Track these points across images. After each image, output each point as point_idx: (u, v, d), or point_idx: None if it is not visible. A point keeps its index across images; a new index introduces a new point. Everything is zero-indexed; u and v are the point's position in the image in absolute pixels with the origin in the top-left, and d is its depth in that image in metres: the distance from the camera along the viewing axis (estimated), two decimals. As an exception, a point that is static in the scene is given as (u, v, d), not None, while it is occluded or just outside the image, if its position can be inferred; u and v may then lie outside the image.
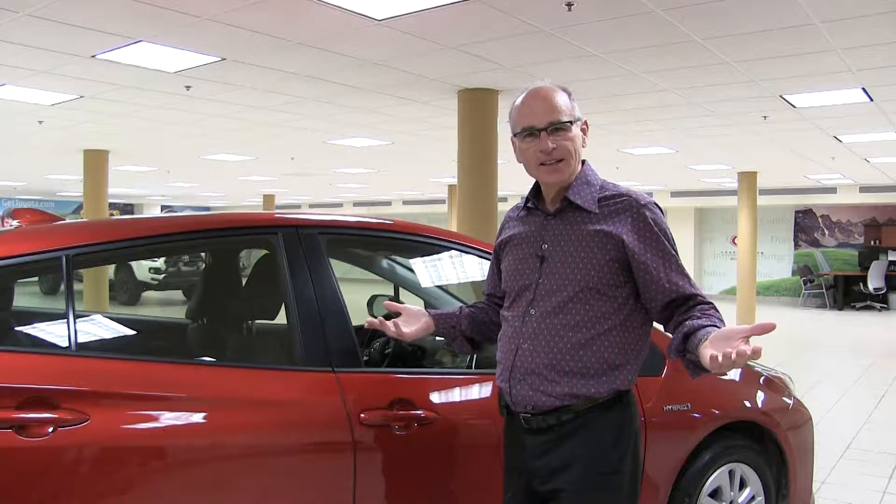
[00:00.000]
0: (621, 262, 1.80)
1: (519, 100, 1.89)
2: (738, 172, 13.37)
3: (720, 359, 1.50)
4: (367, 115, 7.85)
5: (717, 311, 1.77)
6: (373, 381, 2.26)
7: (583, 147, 1.89)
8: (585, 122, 1.90)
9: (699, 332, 1.65)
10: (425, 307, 3.29)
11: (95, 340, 2.49)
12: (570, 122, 1.83)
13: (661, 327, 2.01)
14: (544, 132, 1.82)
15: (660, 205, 1.89)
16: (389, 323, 2.00)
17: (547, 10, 4.40)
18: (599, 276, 1.79)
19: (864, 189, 15.46)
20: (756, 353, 1.47)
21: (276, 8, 4.34)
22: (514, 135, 1.90)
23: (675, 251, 1.83)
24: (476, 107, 6.61)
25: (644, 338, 1.88)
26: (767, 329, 1.51)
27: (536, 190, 1.94)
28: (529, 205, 1.95)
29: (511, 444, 1.94)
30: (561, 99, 1.84)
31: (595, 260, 1.79)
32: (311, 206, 25.04)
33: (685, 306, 1.78)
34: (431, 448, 2.22)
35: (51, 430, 1.76)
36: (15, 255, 1.98)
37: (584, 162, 1.91)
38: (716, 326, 1.66)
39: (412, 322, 2.05)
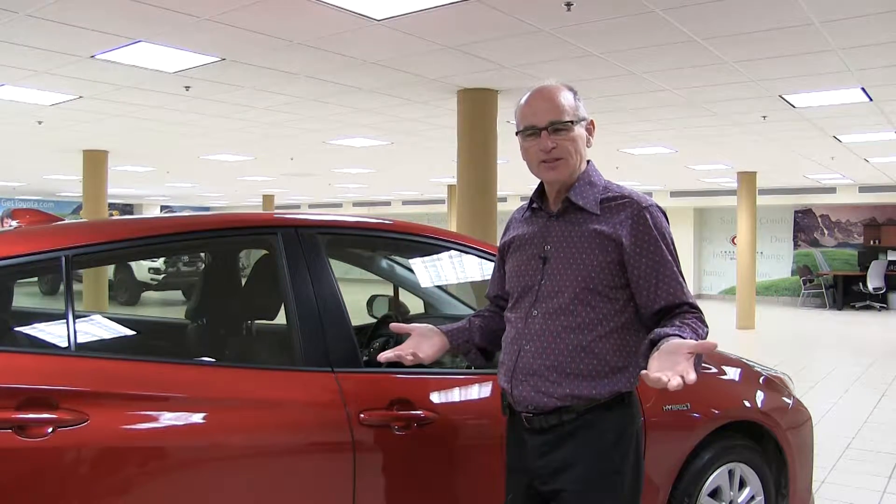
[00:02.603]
0: (622, 264, 1.80)
1: (524, 98, 1.89)
2: (737, 172, 13.37)
3: (651, 378, 1.48)
4: (367, 115, 7.85)
5: (701, 318, 1.76)
6: (372, 381, 2.26)
7: (588, 147, 1.89)
8: (591, 123, 1.90)
9: (662, 340, 1.63)
10: (424, 308, 3.32)
11: (95, 340, 2.49)
12: (572, 122, 1.83)
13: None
14: (545, 131, 1.82)
15: (662, 208, 1.88)
16: (405, 354, 1.92)
17: (547, 10, 4.40)
18: (601, 278, 1.79)
19: (864, 189, 15.46)
20: (686, 384, 1.48)
21: (276, 8, 4.34)
22: (517, 133, 1.90)
23: (674, 255, 1.82)
24: (476, 107, 6.62)
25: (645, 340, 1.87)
26: (709, 348, 1.58)
27: (540, 190, 1.95)
28: (534, 205, 1.95)
29: (513, 444, 1.94)
30: (565, 98, 1.84)
31: (596, 261, 1.79)
32: (311, 206, 25.04)
33: (671, 314, 1.77)
34: (431, 448, 2.22)
35: (50, 430, 1.76)
36: (15, 255, 1.98)
37: (588, 162, 1.91)
38: (680, 336, 1.62)
39: (425, 344, 1.98)
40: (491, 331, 2.07)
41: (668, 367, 1.51)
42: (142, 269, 14.54)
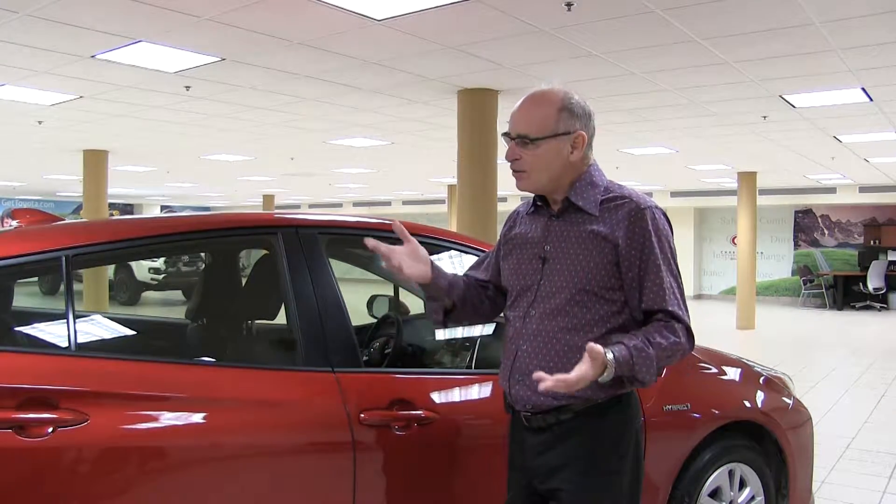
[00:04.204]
0: (619, 265, 1.78)
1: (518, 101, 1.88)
2: (737, 172, 13.37)
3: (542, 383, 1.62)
4: (367, 115, 7.85)
5: (670, 326, 1.74)
6: (373, 381, 2.26)
7: (571, 159, 1.82)
8: (580, 135, 1.81)
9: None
10: (425, 308, 3.31)
11: (95, 340, 2.49)
12: (537, 139, 1.79)
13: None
14: (513, 141, 1.83)
15: (664, 210, 1.85)
16: (394, 261, 1.87)
17: (547, 10, 4.40)
18: (598, 279, 1.78)
19: (864, 189, 15.45)
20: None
21: (276, 8, 4.34)
22: (502, 134, 1.90)
23: (669, 259, 1.80)
24: (476, 107, 6.61)
25: None
26: (570, 384, 1.62)
27: None
28: (538, 203, 1.94)
29: (513, 443, 1.95)
30: (544, 112, 1.79)
31: (593, 262, 1.78)
32: (311, 206, 25.04)
33: (653, 319, 1.77)
34: (431, 448, 2.22)
35: (50, 430, 1.76)
36: (15, 255, 1.98)
37: (591, 164, 1.88)
38: (624, 345, 1.67)
39: (413, 263, 1.90)
40: (468, 301, 2.00)
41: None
42: (142, 269, 14.54)
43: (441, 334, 2.88)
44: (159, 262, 14.37)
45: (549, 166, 1.82)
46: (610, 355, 1.64)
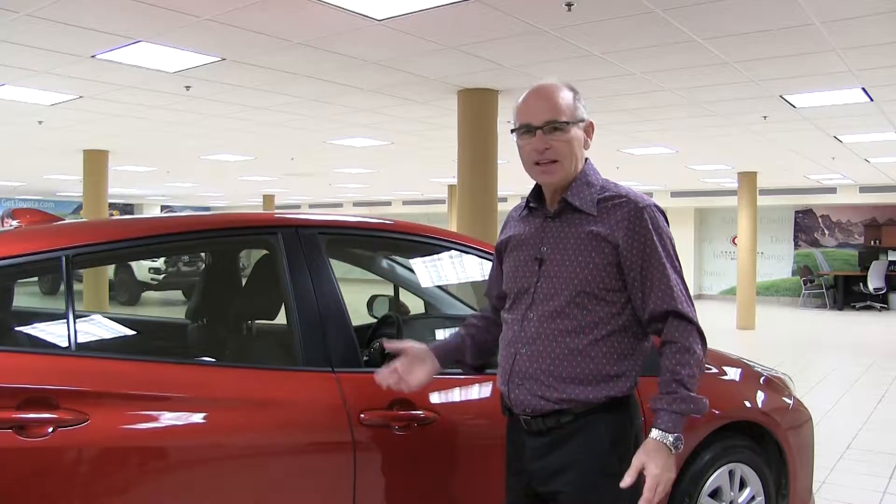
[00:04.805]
0: (619, 266, 1.77)
1: (522, 96, 1.86)
2: (738, 172, 13.37)
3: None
4: (367, 115, 7.85)
5: (684, 345, 1.75)
6: (373, 381, 2.25)
7: (585, 149, 1.86)
8: (590, 125, 1.86)
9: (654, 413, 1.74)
10: (425, 307, 3.31)
11: (95, 340, 2.49)
12: (569, 123, 1.79)
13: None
14: (540, 131, 1.79)
15: (662, 208, 1.85)
16: (394, 382, 1.98)
17: (547, 10, 4.40)
18: (597, 281, 1.77)
19: (864, 189, 15.46)
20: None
21: (276, 8, 4.34)
22: (512, 131, 1.88)
23: (671, 257, 1.79)
24: (476, 107, 6.62)
25: (644, 342, 1.85)
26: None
27: (538, 190, 1.92)
28: (532, 205, 1.93)
29: (512, 445, 1.94)
30: (563, 98, 1.81)
31: (592, 263, 1.77)
32: (311, 206, 25.04)
33: (660, 328, 1.78)
34: (431, 448, 2.22)
35: (50, 430, 1.76)
36: (15, 255, 1.98)
37: (586, 161, 1.88)
38: (667, 411, 1.71)
39: (416, 369, 2.00)
40: (483, 343, 2.09)
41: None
42: (142, 269, 14.55)
43: (441, 334, 2.89)
44: (159, 262, 14.38)
45: (574, 153, 1.82)
46: (657, 432, 1.71)
